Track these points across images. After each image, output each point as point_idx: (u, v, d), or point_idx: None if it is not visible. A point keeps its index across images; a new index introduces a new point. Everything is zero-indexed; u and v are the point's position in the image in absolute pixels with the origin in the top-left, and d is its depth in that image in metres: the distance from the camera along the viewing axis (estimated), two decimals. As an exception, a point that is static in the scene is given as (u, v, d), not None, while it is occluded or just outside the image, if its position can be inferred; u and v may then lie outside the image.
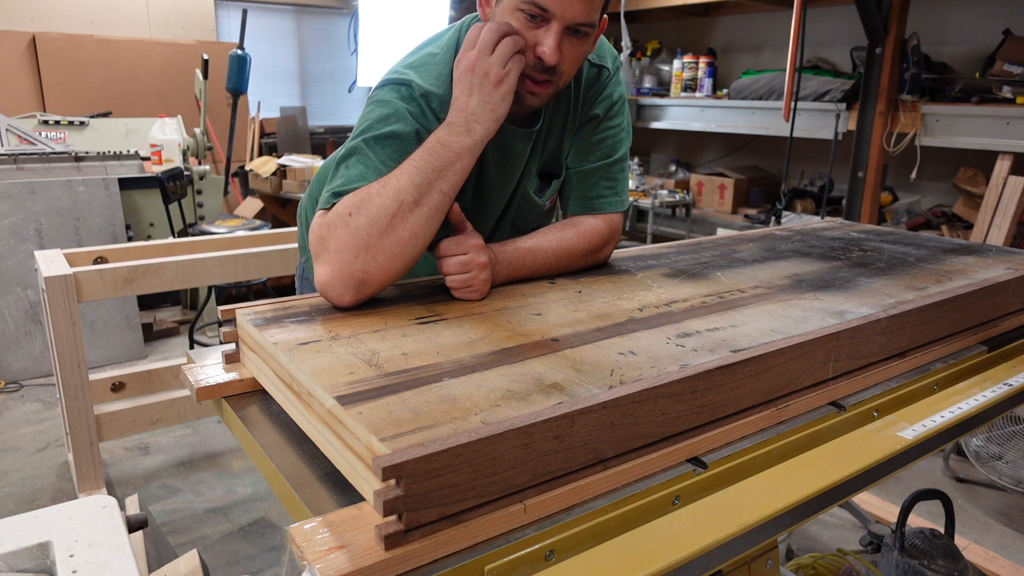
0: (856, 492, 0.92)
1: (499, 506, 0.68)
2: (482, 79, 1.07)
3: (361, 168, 1.08)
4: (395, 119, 1.12)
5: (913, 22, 3.58)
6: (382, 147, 1.10)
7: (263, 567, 2.19)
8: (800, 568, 1.82)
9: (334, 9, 6.89)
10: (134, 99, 5.62)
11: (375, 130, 1.11)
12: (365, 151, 1.10)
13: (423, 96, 1.15)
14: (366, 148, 1.10)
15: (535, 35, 1.08)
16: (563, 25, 1.06)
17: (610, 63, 1.31)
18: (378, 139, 1.10)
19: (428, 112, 1.15)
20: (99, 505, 0.91)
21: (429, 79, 1.16)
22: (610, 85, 1.31)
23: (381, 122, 1.12)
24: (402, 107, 1.13)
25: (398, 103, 1.13)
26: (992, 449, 2.52)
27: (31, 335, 3.46)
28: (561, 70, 1.11)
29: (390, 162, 1.08)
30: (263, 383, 0.95)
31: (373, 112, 1.14)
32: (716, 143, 5.44)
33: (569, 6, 1.04)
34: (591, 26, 1.09)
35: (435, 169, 1.03)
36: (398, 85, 1.16)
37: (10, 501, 2.50)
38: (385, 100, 1.15)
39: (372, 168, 1.07)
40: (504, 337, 0.95)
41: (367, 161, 1.08)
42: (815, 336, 0.95)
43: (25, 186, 3.38)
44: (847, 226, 1.83)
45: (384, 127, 1.11)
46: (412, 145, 1.10)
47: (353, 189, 1.04)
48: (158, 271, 2.29)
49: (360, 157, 1.09)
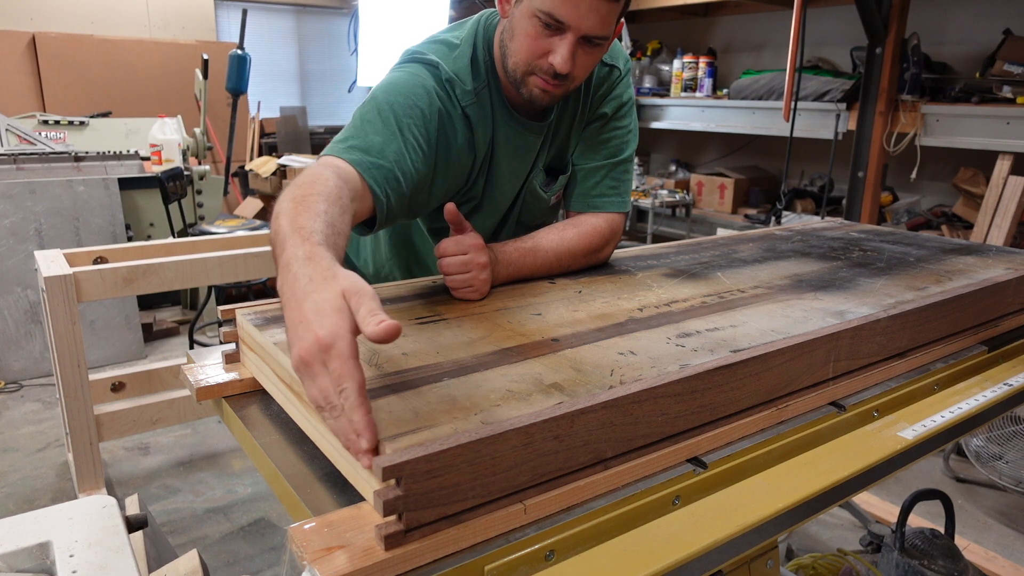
0: (856, 492, 0.92)
1: (499, 506, 0.68)
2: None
3: (385, 135, 1.06)
4: (424, 94, 1.12)
5: (913, 22, 3.58)
6: (409, 117, 1.09)
7: (263, 567, 2.19)
8: (800, 568, 1.82)
9: (334, 9, 6.89)
10: (134, 99, 5.62)
11: (405, 96, 1.10)
12: (390, 115, 1.08)
13: (448, 82, 1.15)
14: (391, 112, 1.08)
15: (550, 43, 1.08)
16: (577, 36, 1.07)
17: (621, 64, 1.33)
18: (406, 108, 1.09)
19: (454, 97, 1.15)
20: (99, 505, 0.91)
21: (453, 69, 1.17)
22: (620, 86, 1.33)
23: (411, 91, 1.11)
24: (431, 84, 1.13)
25: (428, 80, 1.14)
26: (992, 449, 2.52)
27: (31, 335, 3.46)
28: (574, 75, 1.13)
29: (412, 138, 1.07)
30: (263, 383, 0.95)
31: (402, 79, 1.14)
32: (716, 143, 5.44)
33: (584, 19, 1.05)
34: (605, 38, 1.10)
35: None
36: (427, 64, 1.16)
37: (10, 501, 2.50)
38: (415, 73, 1.15)
39: (393, 137, 1.06)
40: (504, 337, 0.95)
41: (390, 127, 1.07)
42: (815, 336, 0.95)
43: (25, 186, 3.37)
44: (847, 226, 1.83)
45: (413, 97, 1.11)
46: (434, 125, 1.10)
47: (372, 160, 1.03)
48: (158, 271, 2.29)
49: (385, 120, 1.08)
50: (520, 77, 1.14)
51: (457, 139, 1.17)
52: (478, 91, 1.18)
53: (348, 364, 0.63)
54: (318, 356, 0.64)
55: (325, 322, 0.64)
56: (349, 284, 0.67)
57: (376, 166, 1.04)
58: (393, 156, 1.06)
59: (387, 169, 1.05)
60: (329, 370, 0.64)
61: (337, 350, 0.63)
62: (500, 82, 1.21)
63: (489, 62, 1.20)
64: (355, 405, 0.63)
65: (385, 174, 1.04)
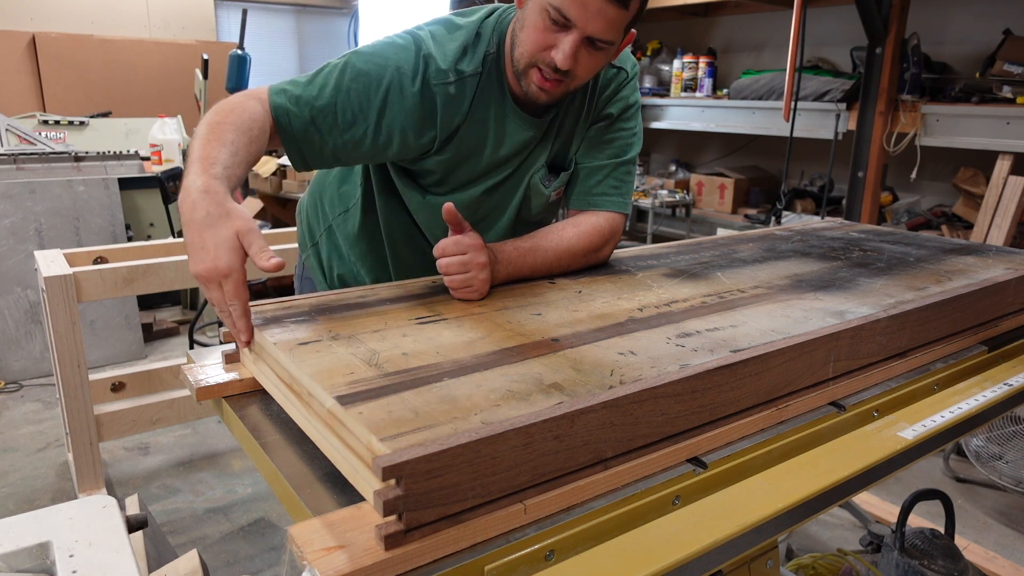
0: (856, 492, 0.92)
1: (499, 506, 0.68)
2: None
3: (322, 87, 1.14)
4: (384, 64, 1.16)
5: (913, 22, 3.58)
6: (355, 82, 1.14)
7: (263, 567, 2.19)
8: (800, 568, 1.82)
9: (334, 9, 6.89)
10: (134, 99, 5.62)
11: (368, 60, 1.16)
12: (341, 75, 1.15)
13: (425, 57, 1.17)
14: (345, 72, 1.15)
15: (555, 38, 1.10)
16: (582, 35, 1.08)
17: (629, 67, 1.34)
18: (357, 73, 1.15)
19: (420, 74, 1.17)
20: (99, 505, 0.91)
21: (436, 46, 1.19)
22: (627, 88, 1.34)
23: (376, 58, 1.17)
24: (396, 60, 1.17)
25: (399, 54, 1.17)
26: (992, 449, 2.52)
27: (31, 335, 3.46)
28: (575, 74, 1.13)
29: (349, 100, 1.14)
30: (263, 383, 0.95)
31: (376, 47, 1.20)
32: (716, 143, 5.44)
33: (592, 20, 1.06)
34: (610, 43, 1.11)
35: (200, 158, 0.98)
36: (412, 37, 1.20)
37: (10, 501, 2.50)
38: (391, 42, 1.20)
39: (329, 96, 1.13)
40: (504, 337, 0.95)
41: (333, 86, 1.14)
42: (815, 336, 0.95)
43: (25, 186, 3.37)
44: (847, 226, 1.83)
45: (373, 63, 1.16)
46: (377, 92, 1.15)
47: (302, 108, 1.12)
48: (158, 271, 2.29)
49: (336, 76, 1.15)
50: (523, 68, 1.15)
51: (405, 106, 1.17)
52: (464, 75, 1.19)
53: (239, 289, 0.89)
54: (216, 279, 0.88)
55: (223, 256, 0.87)
56: (241, 224, 0.89)
57: (293, 115, 1.12)
58: (317, 112, 1.13)
59: (303, 119, 1.12)
60: (224, 291, 0.89)
61: (233, 279, 0.88)
62: (505, 74, 1.22)
63: (496, 54, 1.21)
64: (240, 314, 0.91)
65: (304, 124, 1.13)
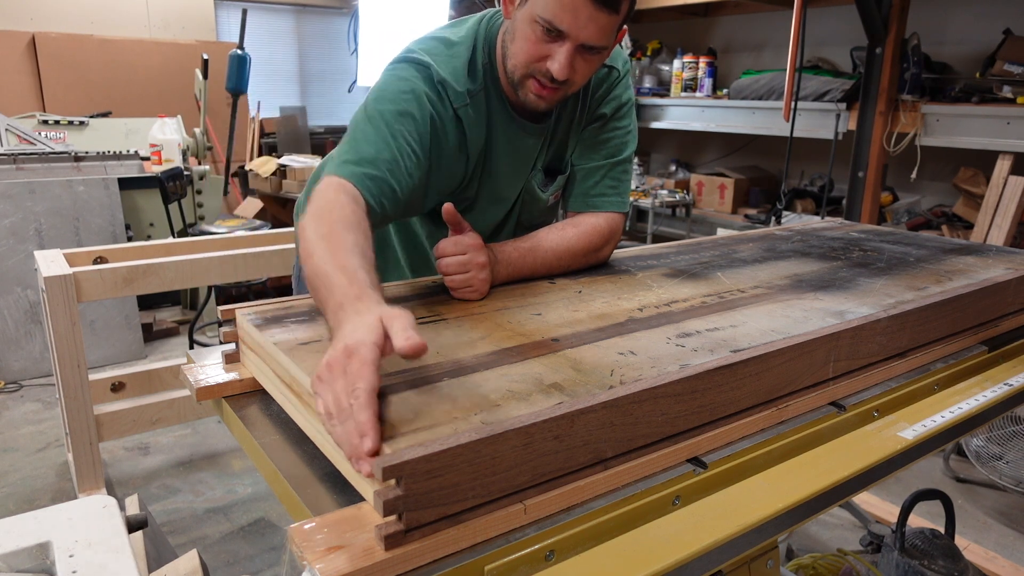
0: (856, 492, 0.92)
1: (499, 506, 0.68)
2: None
3: (377, 145, 1.08)
4: (413, 99, 1.12)
5: (913, 22, 3.58)
6: (400, 124, 1.10)
7: (263, 567, 2.19)
8: (800, 568, 1.82)
9: (334, 9, 6.88)
10: (134, 99, 5.61)
11: (394, 103, 1.11)
12: (381, 123, 1.10)
13: (440, 83, 1.15)
14: (381, 120, 1.10)
15: (548, 48, 1.09)
16: (576, 44, 1.08)
17: (620, 66, 1.33)
18: (397, 115, 1.10)
19: (445, 99, 1.15)
20: (99, 505, 0.91)
21: (446, 69, 1.16)
22: (619, 87, 1.33)
23: (400, 97, 1.12)
24: (421, 88, 1.13)
25: (418, 83, 1.13)
26: (992, 449, 2.52)
27: (31, 335, 3.46)
28: (572, 81, 1.13)
29: (405, 143, 1.08)
30: (263, 383, 0.95)
31: (392, 84, 1.14)
32: (716, 143, 5.44)
33: (583, 29, 1.06)
34: (604, 47, 1.11)
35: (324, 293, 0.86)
36: (418, 65, 1.16)
37: (10, 501, 2.50)
38: (405, 77, 1.14)
39: (386, 145, 1.08)
40: (504, 337, 0.95)
41: (383, 136, 1.08)
42: (815, 336, 0.95)
43: (25, 186, 3.37)
44: (847, 226, 1.83)
45: (403, 103, 1.11)
46: (425, 130, 1.11)
47: (365, 171, 1.05)
48: (158, 271, 2.29)
49: (377, 129, 1.09)
50: (518, 79, 1.15)
51: (448, 141, 1.17)
52: (473, 93, 1.18)
53: (367, 367, 0.67)
54: (341, 361, 0.68)
55: (355, 335, 0.70)
56: (388, 310, 0.74)
57: (369, 176, 1.06)
58: (386, 165, 1.07)
59: (380, 179, 1.06)
60: (347, 373, 0.67)
61: (360, 355, 0.68)
62: (500, 83, 1.21)
63: (488, 64, 1.20)
64: (364, 404, 0.65)
65: (379, 184, 1.06)
